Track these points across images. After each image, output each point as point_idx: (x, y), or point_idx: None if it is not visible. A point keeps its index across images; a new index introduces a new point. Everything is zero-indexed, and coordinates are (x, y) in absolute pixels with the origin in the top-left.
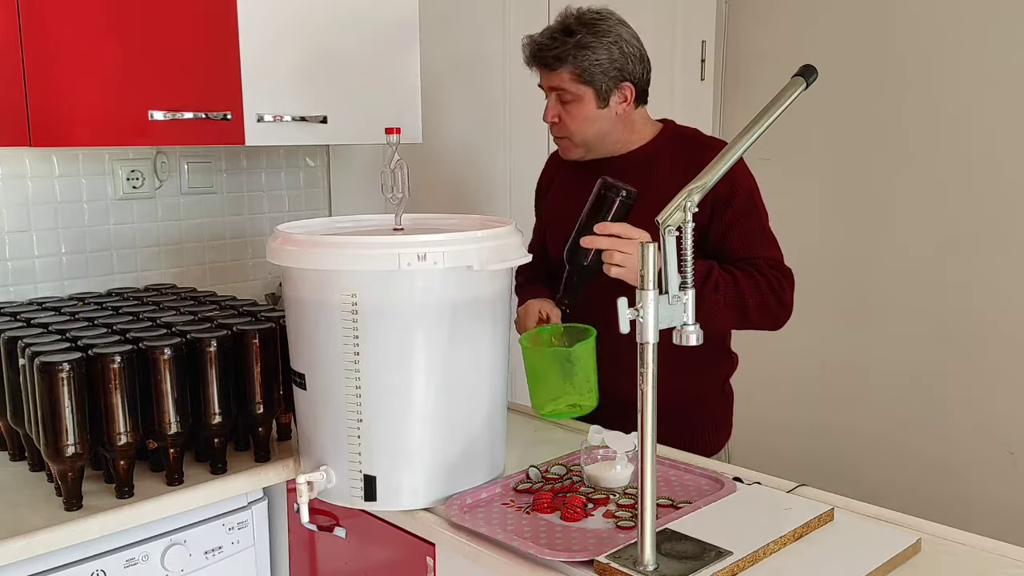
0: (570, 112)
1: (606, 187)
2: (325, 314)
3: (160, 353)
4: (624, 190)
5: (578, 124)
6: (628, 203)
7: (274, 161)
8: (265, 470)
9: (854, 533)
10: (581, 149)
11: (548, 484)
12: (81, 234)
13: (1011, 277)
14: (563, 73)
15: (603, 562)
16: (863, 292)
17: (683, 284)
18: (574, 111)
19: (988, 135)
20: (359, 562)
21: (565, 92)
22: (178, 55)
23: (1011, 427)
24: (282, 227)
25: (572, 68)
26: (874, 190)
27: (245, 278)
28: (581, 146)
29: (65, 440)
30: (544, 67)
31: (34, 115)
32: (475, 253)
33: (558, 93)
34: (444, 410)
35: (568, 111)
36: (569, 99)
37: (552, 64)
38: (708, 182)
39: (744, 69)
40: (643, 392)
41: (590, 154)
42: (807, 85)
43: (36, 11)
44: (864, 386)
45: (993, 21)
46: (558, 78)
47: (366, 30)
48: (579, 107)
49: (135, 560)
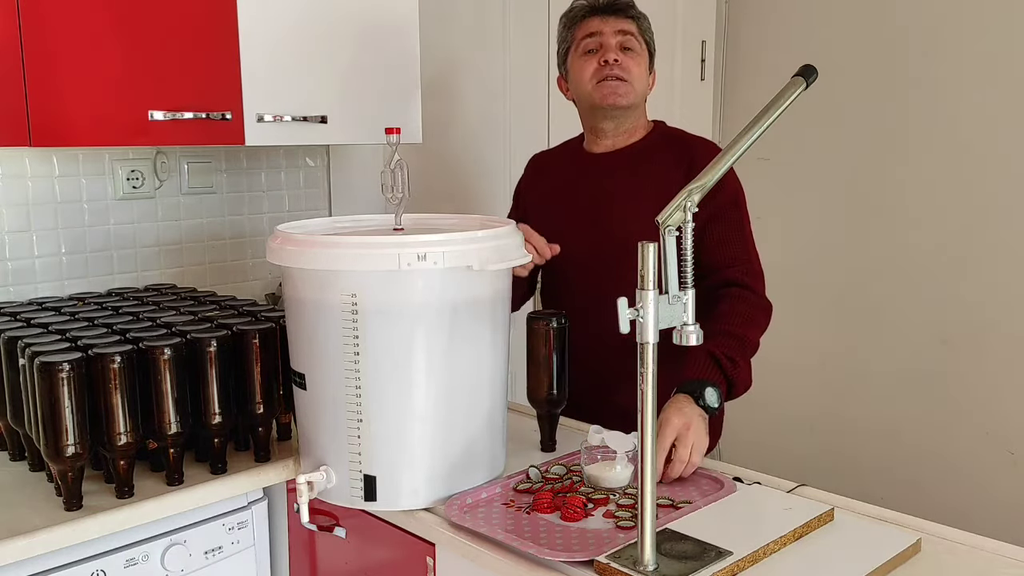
0: (633, 59)
1: (533, 319)
2: (325, 314)
3: (160, 353)
4: (552, 318)
5: (640, 71)
6: (562, 327)
7: (274, 161)
8: (265, 470)
9: (854, 533)
10: (633, 96)
11: (548, 484)
12: (81, 234)
13: (1011, 277)
14: (633, 23)
15: (603, 562)
16: (863, 291)
17: (683, 284)
18: (637, 60)
19: (989, 134)
20: (359, 562)
21: (631, 38)
22: (178, 55)
23: (1011, 427)
24: (282, 227)
25: (639, 24)
26: (874, 189)
27: (245, 278)
28: (637, 95)
29: (65, 440)
30: (616, 12)
31: (34, 115)
32: (475, 253)
33: (623, 38)
34: (444, 410)
35: (630, 57)
36: (631, 47)
37: (627, 10)
38: (708, 182)
39: (744, 69)
40: (643, 392)
41: (623, 119)
42: (807, 85)
43: (36, 11)
44: (864, 386)
45: (994, 21)
46: (628, 24)
47: (366, 30)
48: (639, 60)
49: (135, 560)
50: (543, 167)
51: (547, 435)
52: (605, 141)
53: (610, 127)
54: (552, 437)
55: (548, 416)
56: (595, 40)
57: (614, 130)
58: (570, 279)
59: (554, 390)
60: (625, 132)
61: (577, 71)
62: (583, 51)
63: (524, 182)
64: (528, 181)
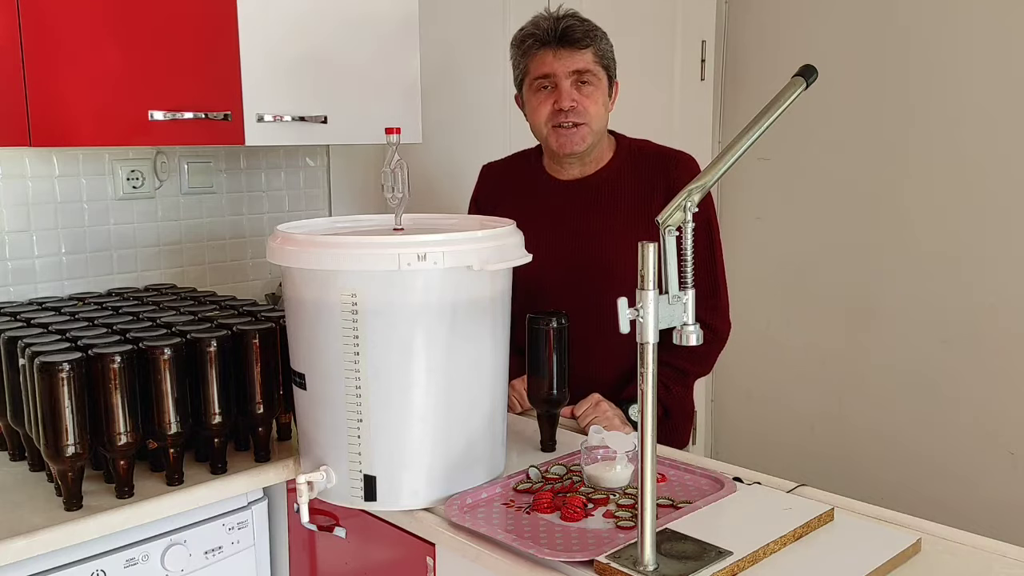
0: (590, 95)
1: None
2: (325, 314)
3: (160, 353)
4: (552, 318)
5: (598, 109)
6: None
7: (274, 161)
8: (265, 470)
9: (854, 533)
10: (591, 139)
11: (548, 484)
12: (81, 234)
13: (1011, 276)
14: (588, 53)
15: (603, 562)
16: (863, 291)
17: (683, 284)
18: (594, 95)
19: (989, 135)
20: (359, 562)
21: (587, 73)
22: (178, 55)
23: (1011, 427)
24: (282, 227)
25: (595, 49)
26: (874, 190)
27: (245, 278)
28: (595, 135)
29: (65, 440)
30: (571, 45)
31: (34, 115)
32: (475, 253)
33: (577, 76)
34: (444, 410)
35: (587, 94)
36: (589, 81)
37: (582, 41)
38: (708, 182)
39: (744, 69)
40: (643, 392)
41: (585, 155)
42: (807, 85)
43: (36, 11)
44: (864, 386)
45: (995, 21)
46: (582, 59)
47: (366, 30)
48: (597, 91)
49: (135, 560)
50: (499, 181)
51: (547, 435)
52: (572, 171)
53: (574, 162)
54: (552, 437)
55: (548, 416)
56: (549, 80)
57: (579, 163)
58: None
59: (554, 390)
60: (592, 161)
61: (532, 108)
62: (537, 88)
63: (480, 193)
64: (485, 193)
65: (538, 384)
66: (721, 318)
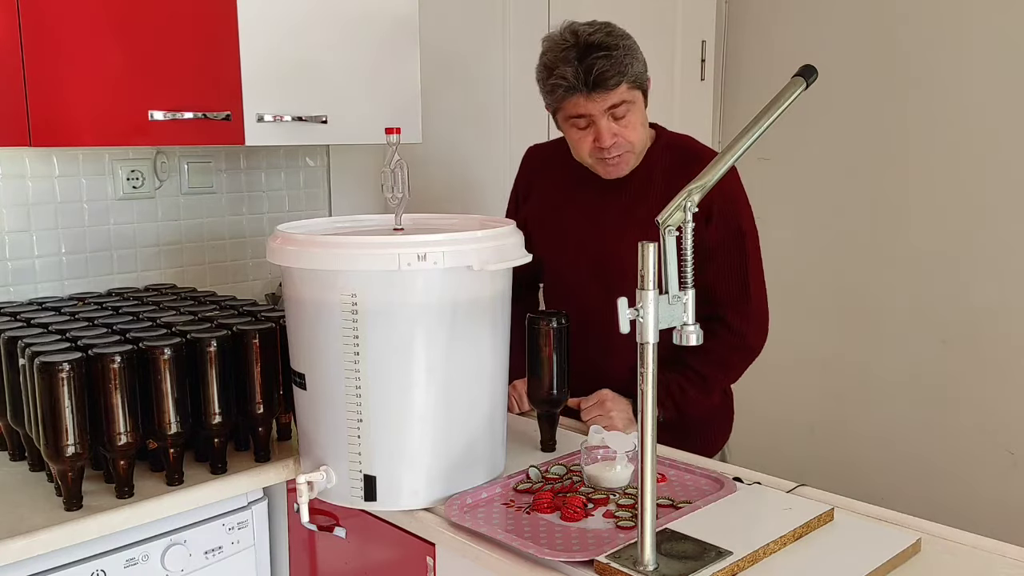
0: (629, 123)
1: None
2: (325, 314)
3: (160, 353)
4: (552, 318)
5: (638, 132)
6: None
7: (274, 161)
8: (265, 470)
9: (854, 533)
10: (634, 161)
11: (548, 484)
12: (81, 234)
13: (1011, 277)
14: (621, 88)
15: (603, 562)
16: (863, 292)
17: (683, 284)
18: (632, 120)
19: (989, 135)
20: (359, 562)
21: (622, 105)
22: (178, 55)
23: (1011, 427)
24: (282, 227)
25: (627, 78)
26: (874, 190)
27: (245, 278)
28: (638, 156)
29: (65, 440)
30: (603, 89)
31: (34, 115)
32: (475, 253)
33: (612, 111)
34: (444, 410)
35: (626, 123)
36: (625, 111)
37: (613, 82)
38: (708, 182)
39: (744, 69)
40: (643, 392)
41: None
42: (807, 85)
43: (36, 11)
44: (864, 386)
45: (995, 21)
46: (616, 95)
47: (366, 30)
48: (635, 113)
49: (135, 560)
50: (538, 164)
51: (547, 435)
52: None
53: None
54: (552, 437)
55: (548, 416)
56: (584, 120)
57: None
58: (571, 296)
59: (554, 390)
60: None
61: (572, 141)
62: (572, 124)
63: (520, 173)
64: (523, 174)
65: (538, 384)
66: (753, 326)
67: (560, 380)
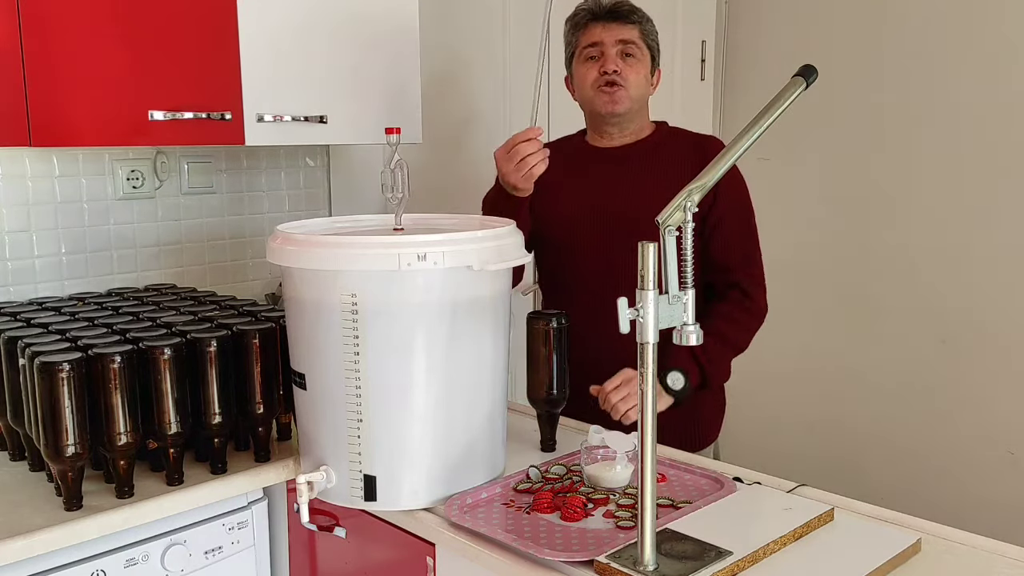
0: (632, 67)
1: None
2: (325, 314)
3: (160, 353)
4: (552, 318)
5: (637, 78)
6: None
7: (274, 161)
8: (265, 470)
9: (854, 533)
10: (629, 103)
11: (548, 484)
12: (81, 234)
13: (1011, 277)
14: (635, 29)
15: (603, 562)
16: (863, 291)
17: (683, 284)
18: (637, 66)
19: (988, 135)
20: (359, 562)
21: (631, 45)
22: (178, 55)
23: (1011, 427)
24: (282, 227)
25: (642, 28)
26: (874, 190)
27: (245, 278)
28: (634, 101)
29: (65, 440)
30: (618, 19)
31: (34, 115)
32: (475, 253)
33: (623, 46)
34: (444, 410)
35: (631, 64)
36: (632, 54)
37: (629, 16)
38: (708, 182)
39: (744, 69)
40: (643, 392)
41: (625, 123)
42: (807, 85)
43: (36, 11)
44: (864, 386)
45: (995, 21)
46: (629, 31)
47: (366, 30)
48: (641, 64)
49: (135, 560)
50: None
51: (547, 435)
52: (611, 139)
53: (615, 130)
54: (552, 437)
55: (548, 416)
56: (596, 49)
57: (619, 132)
58: (577, 267)
59: (554, 390)
60: (631, 133)
61: (580, 77)
62: (585, 58)
63: None
64: None
65: (538, 384)
66: (760, 289)
67: (560, 380)
